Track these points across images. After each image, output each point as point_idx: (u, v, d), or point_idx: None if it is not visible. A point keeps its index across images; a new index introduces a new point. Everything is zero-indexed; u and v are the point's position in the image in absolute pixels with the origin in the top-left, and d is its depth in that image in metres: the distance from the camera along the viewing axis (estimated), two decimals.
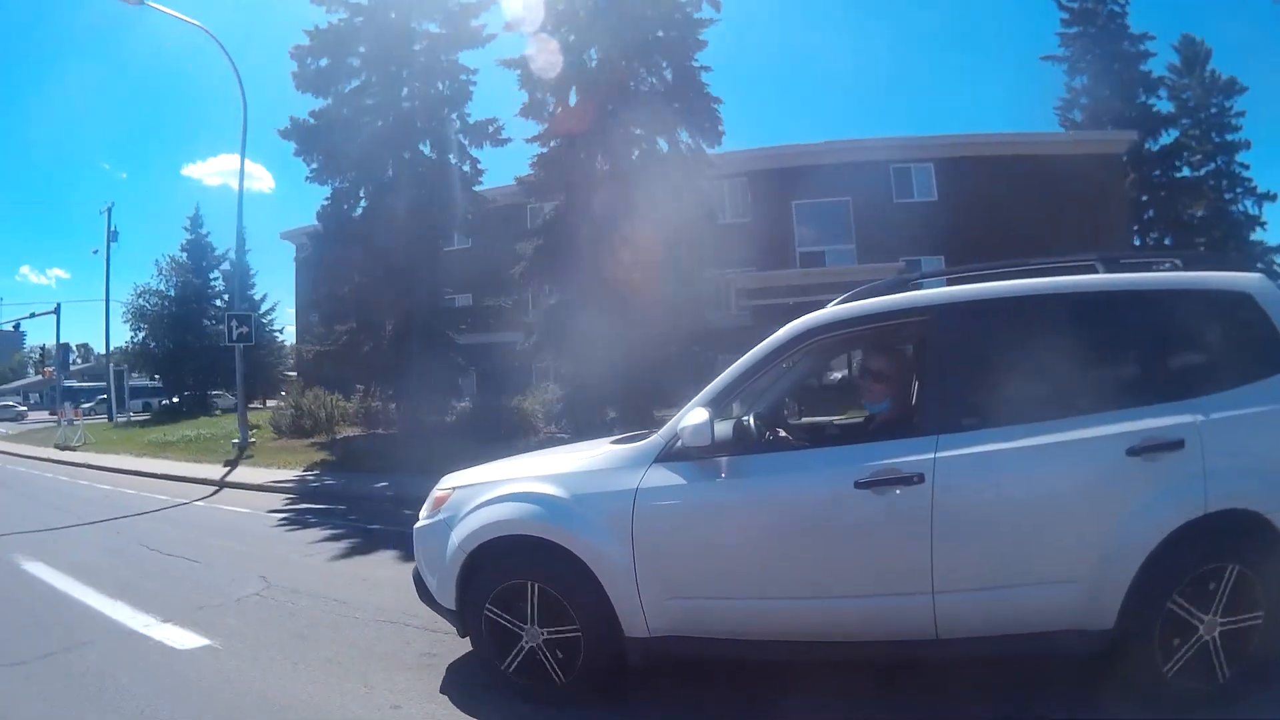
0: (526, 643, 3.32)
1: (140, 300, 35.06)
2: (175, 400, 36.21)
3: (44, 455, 19.63)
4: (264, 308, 39.36)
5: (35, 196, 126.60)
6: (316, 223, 18.57)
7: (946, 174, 24.30)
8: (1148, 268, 3.58)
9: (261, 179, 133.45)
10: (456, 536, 3.49)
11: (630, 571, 3.14)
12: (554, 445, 6.07)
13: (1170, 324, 3.12)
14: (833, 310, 3.44)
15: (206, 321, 35.49)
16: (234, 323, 17.27)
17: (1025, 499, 2.94)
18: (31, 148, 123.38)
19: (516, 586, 3.35)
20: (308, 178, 17.91)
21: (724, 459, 3.17)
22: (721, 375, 3.37)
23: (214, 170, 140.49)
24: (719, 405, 3.29)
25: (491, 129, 18.15)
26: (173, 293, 35.29)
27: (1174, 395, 2.95)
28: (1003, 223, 21.11)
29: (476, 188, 18.81)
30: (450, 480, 3.89)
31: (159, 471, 14.77)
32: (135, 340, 35.87)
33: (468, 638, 3.58)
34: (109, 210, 38.69)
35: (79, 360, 44.73)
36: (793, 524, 3.09)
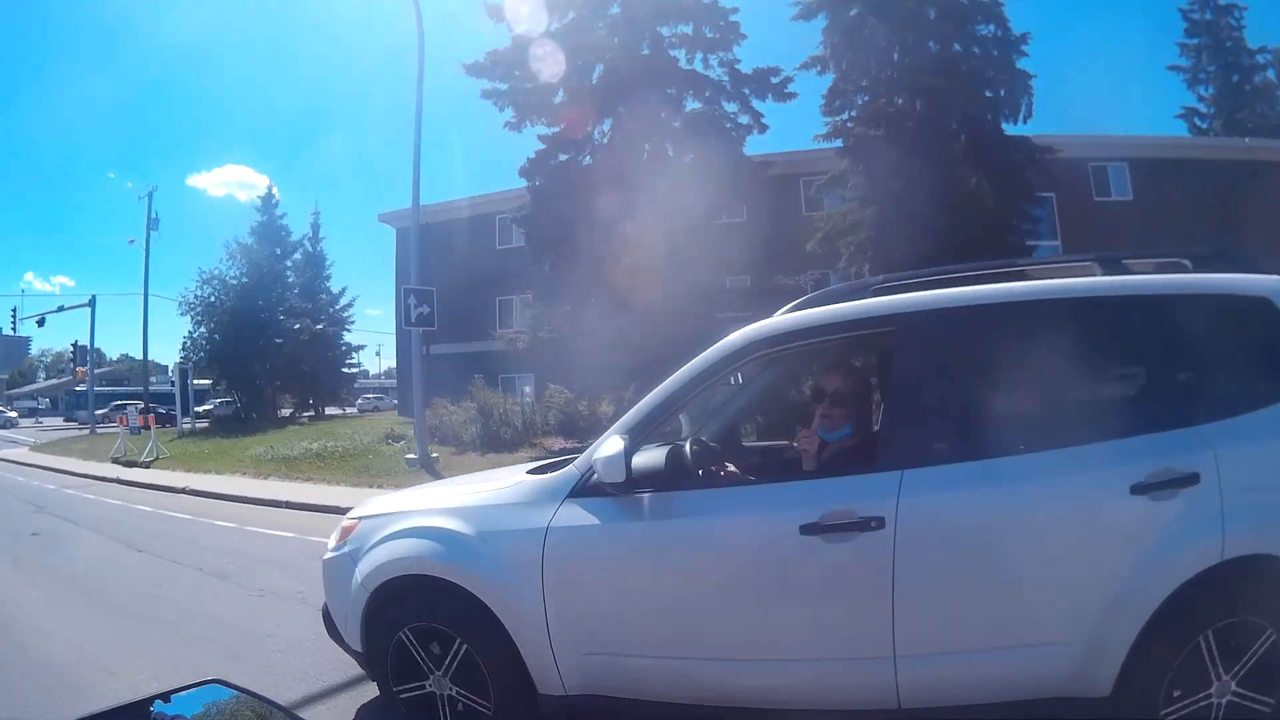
0: (430, 686, 2.94)
1: (205, 289, 30.13)
2: (238, 406, 31.38)
3: (101, 473, 15.83)
4: (341, 301, 35.09)
5: (37, 203, 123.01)
6: (527, 179, 17.05)
7: (1142, 174, 23.56)
8: (1153, 270, 3.06)
9: (261, 188, 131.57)
10: (359, 573, 3.09)
11: (541, 621, 2.74)
12: None
13: (1179, 335, 2.67)
14: (781, 320, 2.99)
15: (281, 316, 31.05)
16: (411, 300, 13.00)
17: (1008, 548, 2.50)
18: (35, 155, 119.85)
19: (421, 630, 2.95)
20: (507, 124, 16.82)
21: (646, 496, 2.72)
22: (648, 396, 2.93)
23: (219, 180, 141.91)
24: (641, 432, 2.85)
25: (775, 80, 16.41)
26: (243, 279, 30.37)
27: (1185, 420, 2.52)
28: (1192, 225, 19.62)
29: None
30: (359, 509, 3.52)
31: (316, 501, 10.62)
32: (194, 337, 30.67)
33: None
34: (150, 195, 33.62)
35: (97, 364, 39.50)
36: (725, 575, 2.67)
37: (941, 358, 2.78)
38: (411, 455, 13.19)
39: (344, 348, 35.58)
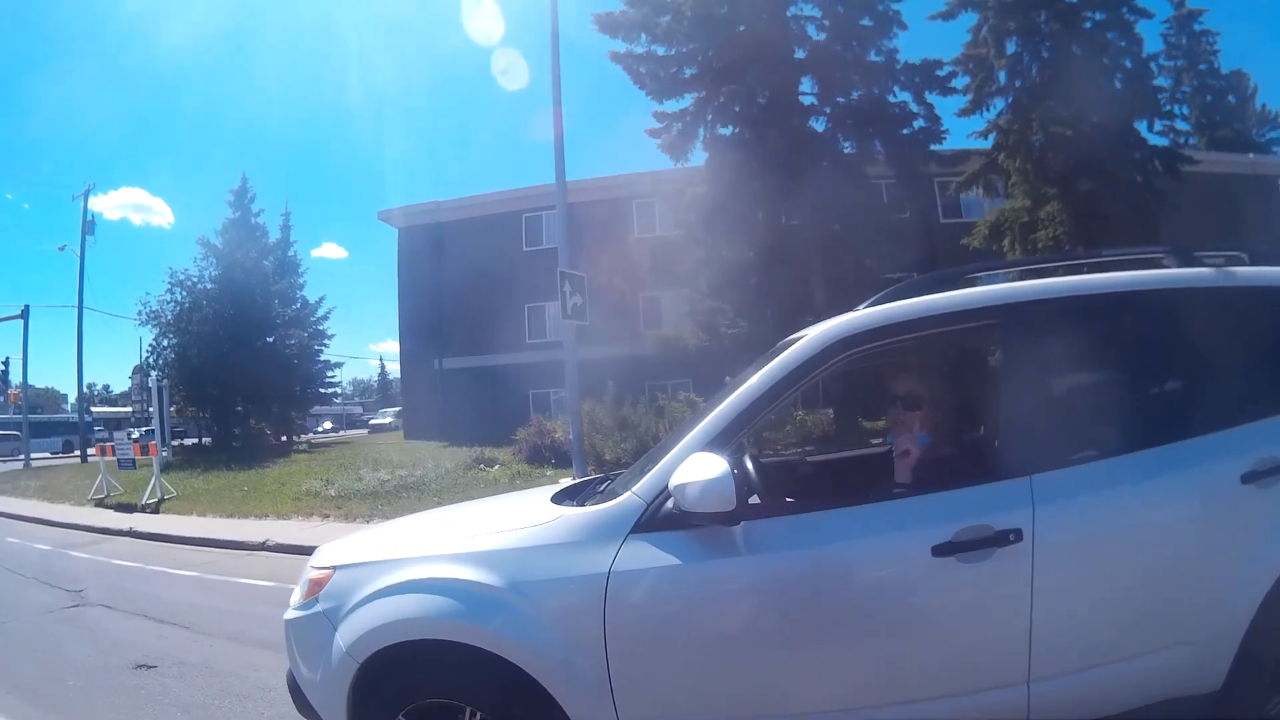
0: None
1: (174, 293, 25.83)
2: (213, 432, 27.16)
3: (97, 522, 12.07)
4: (319, 312, 31.28)
5: None
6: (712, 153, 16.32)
7: None
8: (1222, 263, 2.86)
9: (161, 213, 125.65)
10: (342, 638, 2.53)
11: (604, 690, 2.30)
12: None
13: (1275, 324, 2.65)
14: (876, 312, 2.65)
15: (264, 327, 27.05)
16: (566, 287, 9.70)
17: (1139, 550, 2.37)
18: None
19: (434, 707, 2.46)
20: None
21: (739, 527, 2.31)
22: (726, 403, 2.53)
23: (114, 204, 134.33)
24: (725, 446, 2.43)
25: (940, 73, 16.35)
26: (211, 285, 26.01)
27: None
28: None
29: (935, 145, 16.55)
30: (329, 554, 2.86)
31: None
32: (160, 350, 26.14)
33: None
34: (86, 193, 29.10)
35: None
36: (848, 611, 2.34)
37: (1060, 350, 2.61)
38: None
39: (321, 364, 32.01)
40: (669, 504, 2.34)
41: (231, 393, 25.65)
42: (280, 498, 12.89)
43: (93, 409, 32.79)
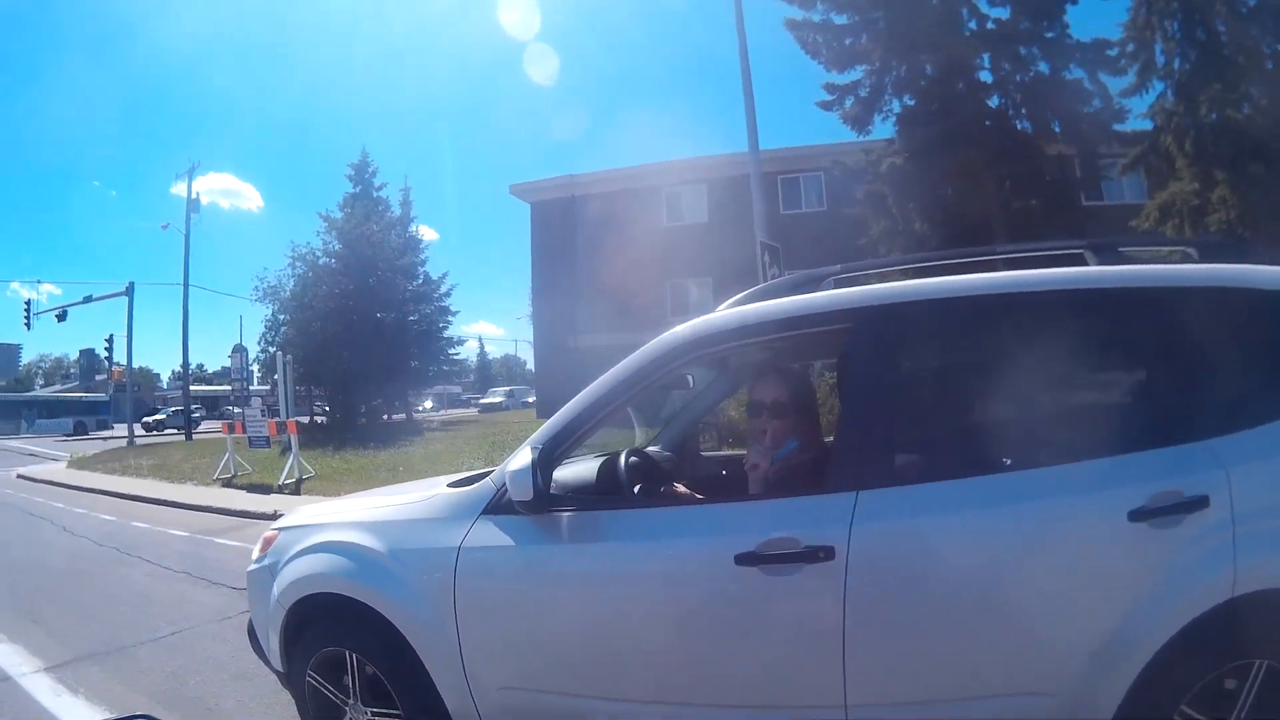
0: (349, 717, 2.77)
1: (295, 268, 25.18)
2: (320, 414, 26.55)
3: (219, 504, 10.93)
4: (442, 288, 30.31)
5: (21, 211, 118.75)
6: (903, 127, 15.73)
7: None
8: (1154, 260, 2.78)
9: (250, 198, 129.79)
10: (277, 588, 2.89)
11: (455, 650, 2.50)
12: None
13: (1186, 334, 2.31)
14: (722, 316, 2.67)
15: (388, 302, 25.90)
16: (765, 257, 10.10)
17: (980, 584, 2.15)
18: (16, 164, 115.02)
19: (335, 654, 2.76)
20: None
21: (567, 515, 2.47)
22: (574, 400, 2.65)
23: (204, 188, 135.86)
24: (561, 443, 2.58)
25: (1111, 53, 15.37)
26: (333, 261, 24.66)
27: (1194, 433, 2.19)
28: None
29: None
30: (283, 520, 3.27)
31: None
32: (275, 327, 25.56)
33: None
34: (191, 171, 28.97)
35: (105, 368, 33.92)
36: (650, 608, 2.37)
37: (905, 359, 2.55)
38: None
39: (444, 340, 30.63)
40: (508, 494, 2.45)
41: (355, 369, 24.47)
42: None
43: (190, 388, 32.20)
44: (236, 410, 20.17)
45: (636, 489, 2.87)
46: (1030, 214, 15.11)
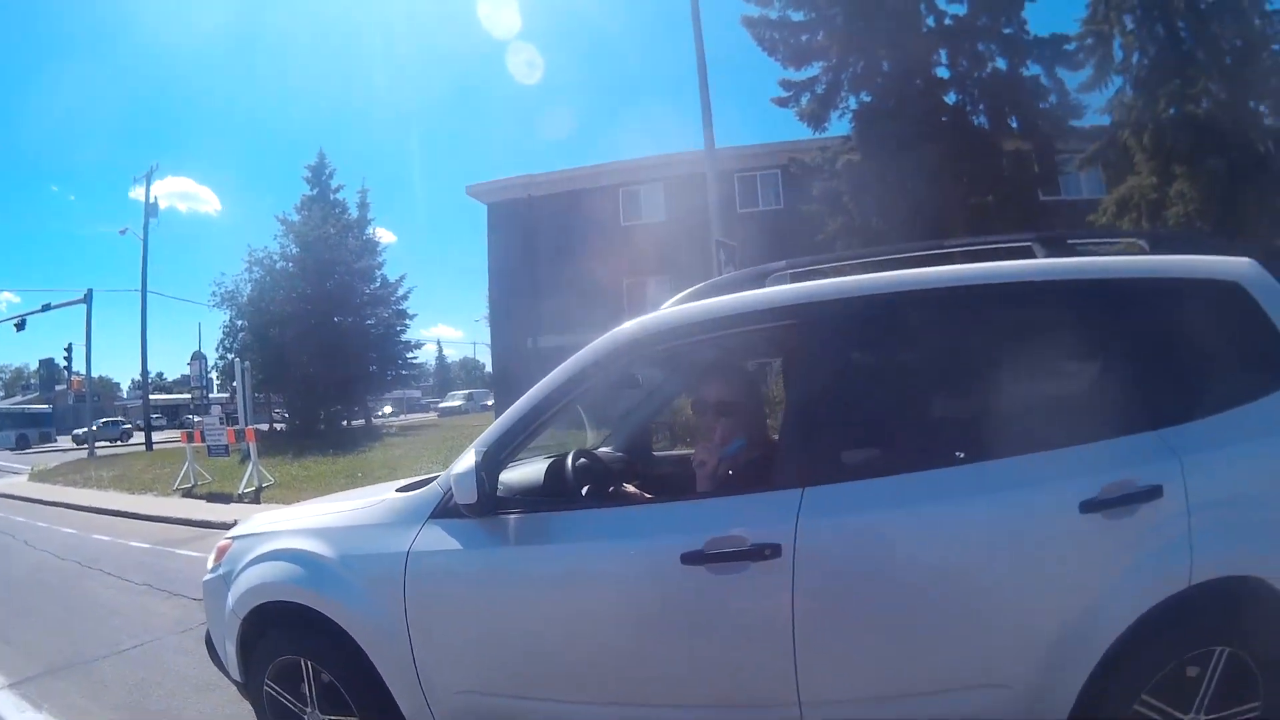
0: None
1: (252, 272, 25.37)
2: (279, 421, 26.68)
3: (179, 514, 10.98)
4: (399, 290, 30.43)
5: None
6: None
7: None
8: (1103, 251, 2.94)
9: (209, 201, 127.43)
10: (231, 597, 2.93)
11: (408, 655, 2.54)
12: None
13: (1138, 325, 2.34)
14: (663, 315, 2.70)
15: (336, 316, 26.05)
16: (721, 255, 10.57)
17: (931, 580, 2.18)
18: None
19: (291, 662, 2.80)
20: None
21: (514, 518, 2.52)
22: (514, 404, 2.69)
23: (163, 192, 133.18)
24: (506, 446, 2.61)
25: (1069, 48, 15.94)
26: (291, 265, 24.76)
27: (1147, 423, 2.20)
28: None
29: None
30: (236, 528, 3.32)
31: None
32: (233, 333, 25.38)
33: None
34: (149, 175, 28.85)
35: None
36: (599, 610, 2.41)
37: (849, 355, 2.57)
38: None
39: (403, 344, 30.83)
40: (454, 497, 2.49)
41: (314, 374, 24.46)
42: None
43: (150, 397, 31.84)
44: (196, 419, 20.05)
45: (584, 490, 2.90)
46: (987, 210, 15.42)
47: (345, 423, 27.53)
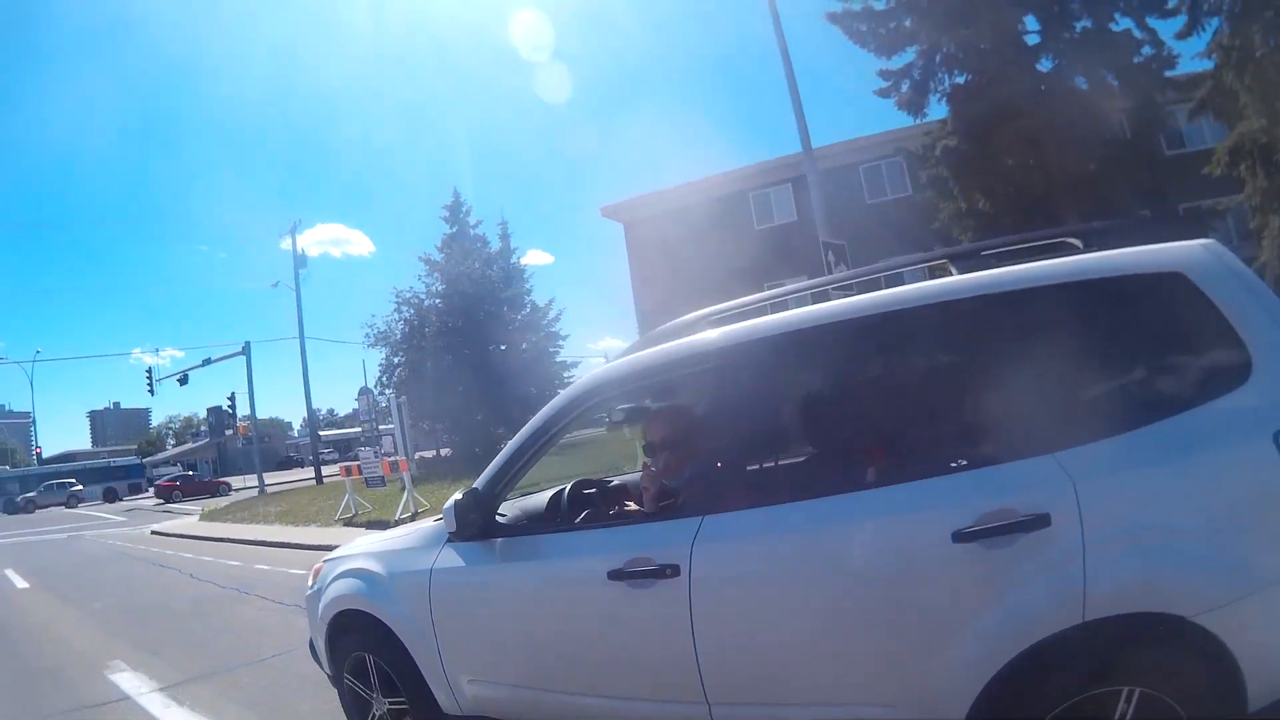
0: (375, 710, 3.44)
1: (403, 312, 26.78)
2: (443, 447, 28.29)
3: (340, 542, 11.15)
4: (549, 314, 30.87)
5: (137, 282, 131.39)
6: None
7: None
8: (1028, 256, 2.54)
9: (360, 243, 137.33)
10: (320, 608, 3.62)
11: (435, 651, 3.14)
12: None
13: (1046, 339, 2.21)
14: (617, 366, 3.04)
15: (489, 345, 26.81)
16: (830, 256, 10.38)
17: (807, 600, 2.32)
18: (128, 239, 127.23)
19: (360, 658, 3.47)
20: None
21: (499, 541, 3.03)
22: (503, 449, 3.22)
23: (313, 240, 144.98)
24: (495, 485, 3.11)
25: None
26: (438, 300, 26.59)
27: (1043, 446, 2.08)
28: None
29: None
30: (331, 553, 3.98)
31: None
32: (390, 369, 27.27)
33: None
34: (294, 229, 31.91)
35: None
36: (554, 616, 2.86)
37: (743, 393, 2.73)
38: None
39: (558, 365, 31.02)
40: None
41: (470, 403, 25.48)
42: None
43: (320, 433, 34.38)
44: (365, 450, 21.52)
45: (584, 514, 3.33)
46: (1093, 178, 14.90)
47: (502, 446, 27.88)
